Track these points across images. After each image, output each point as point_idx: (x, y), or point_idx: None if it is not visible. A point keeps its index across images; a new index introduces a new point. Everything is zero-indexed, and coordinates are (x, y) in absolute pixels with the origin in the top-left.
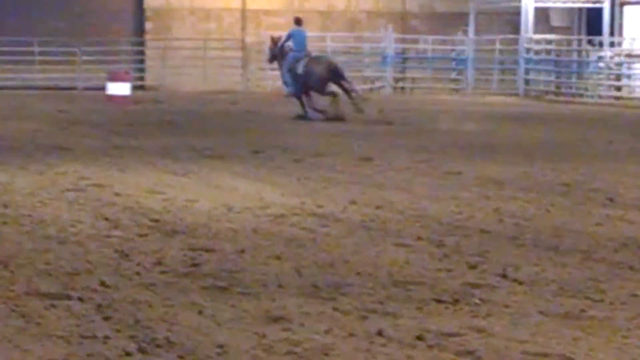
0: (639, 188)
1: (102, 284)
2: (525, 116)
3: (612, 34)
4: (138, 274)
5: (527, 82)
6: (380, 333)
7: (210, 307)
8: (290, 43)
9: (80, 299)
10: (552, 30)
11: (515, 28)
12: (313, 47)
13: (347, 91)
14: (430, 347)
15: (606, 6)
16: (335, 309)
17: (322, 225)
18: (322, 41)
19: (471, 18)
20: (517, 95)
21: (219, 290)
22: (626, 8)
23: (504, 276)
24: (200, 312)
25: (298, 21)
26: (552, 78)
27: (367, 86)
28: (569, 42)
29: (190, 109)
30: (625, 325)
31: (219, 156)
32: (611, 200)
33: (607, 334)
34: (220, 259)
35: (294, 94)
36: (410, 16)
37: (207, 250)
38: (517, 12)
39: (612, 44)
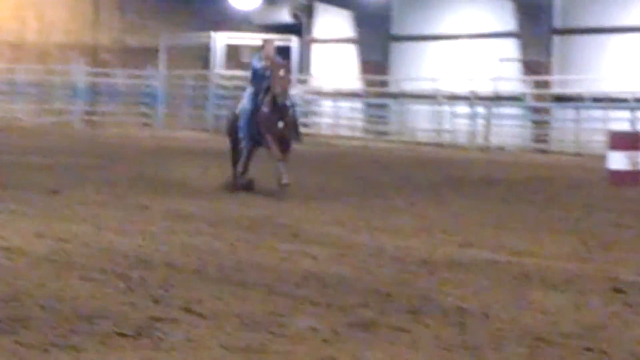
0: (323, 224)
1: None
2: (214, 152)
3: (301, 71)
4: None
5: (217, 117)
6: None
7: None
8: None
9: None
10: (243, 66)
11: (207, 64)
12: (3, 80)
13: None
14: None
15: (294, 44)
16: (17, 342)
17: (7, 258)
18: (12, 73)
19: (162, 53)
20: (207, 130)
21: None
22: (314, 46)
23: (187, 310)
24: None
25: None
26: None
27: (57, 119)
28: None
29: None
30: (304, 358)
31: None
32: (295, 235)
33: None
34: None
35: None
36: (102, 50)
37: None
38: (208, 48)
39: (301, 82)
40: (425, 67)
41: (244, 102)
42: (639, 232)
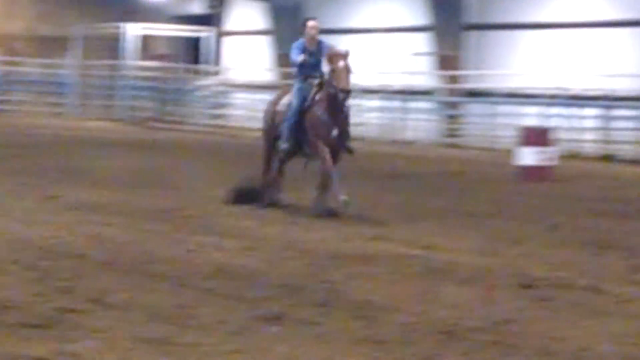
0: (234, 216)
1: None
2: (126, 142)
3: (215, 63)
4: None
5: (129, 108)
6: None
7: None
8: None
9: None
10: (155, 57)
11: (120, 54)
12: None
13: None
14: None
15: (206, 36)
16: None
17: None
18: None
19: (74, 42)
20: (119, 120)
21: None
22: (225, 38)
23: (96, 301)
24: None
25: None
26: (154, 104)
27: None
28: (174, 71)
29: None
30: (211, 350)
31: None
32: (206, 227)
33: (194, 359)
34: None
35: None
36: (14, 38)
37: None
38: (121, 38)
39: (212, 73)
40: None
41: (290, 98)
42: (548, 227)
